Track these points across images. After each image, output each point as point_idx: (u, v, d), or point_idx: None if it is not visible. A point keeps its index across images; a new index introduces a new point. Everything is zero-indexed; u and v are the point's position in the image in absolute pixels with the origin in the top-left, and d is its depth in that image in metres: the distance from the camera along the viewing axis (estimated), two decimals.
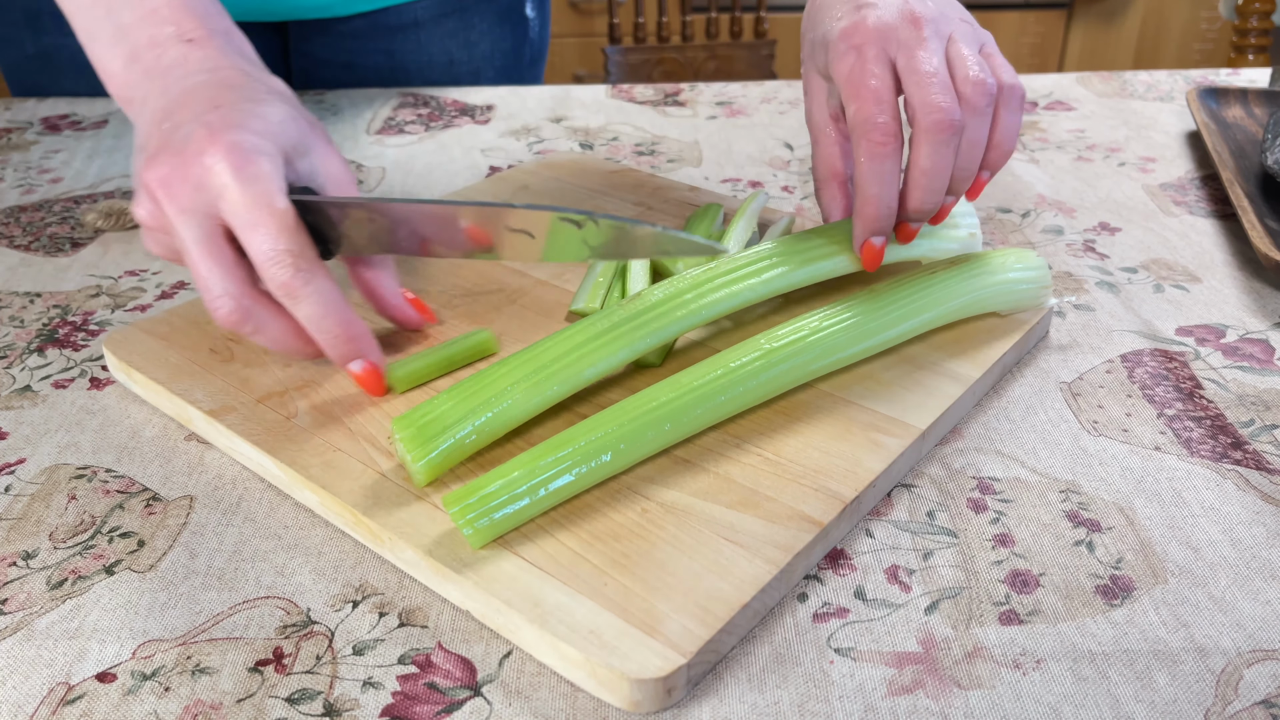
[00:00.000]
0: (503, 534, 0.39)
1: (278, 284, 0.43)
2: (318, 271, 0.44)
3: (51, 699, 0.36)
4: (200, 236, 0.43)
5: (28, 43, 0.87)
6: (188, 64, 0.48)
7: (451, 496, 0.39)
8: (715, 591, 0.37)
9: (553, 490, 0.40)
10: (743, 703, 0.36)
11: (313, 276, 0.43)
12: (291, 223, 0.43)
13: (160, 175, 0.43)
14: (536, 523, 0.40)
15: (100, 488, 0.46)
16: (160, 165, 0.44)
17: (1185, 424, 0.49)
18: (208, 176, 0.42)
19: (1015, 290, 0.51)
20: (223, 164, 0.42)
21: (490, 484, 0.39)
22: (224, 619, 0.39)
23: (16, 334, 0.57)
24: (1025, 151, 0.78)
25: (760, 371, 0.44)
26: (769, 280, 0.48)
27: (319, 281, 0.43)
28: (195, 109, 0.45)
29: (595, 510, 0.41)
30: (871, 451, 0.44)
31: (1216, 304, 0.58)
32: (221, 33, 0.49)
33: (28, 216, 0.70)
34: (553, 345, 0.44)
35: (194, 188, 0.43)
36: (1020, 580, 0.40)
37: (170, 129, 0.45)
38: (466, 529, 0.38)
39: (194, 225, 0.43)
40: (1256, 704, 0.35)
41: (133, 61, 0.49)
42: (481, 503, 0.39)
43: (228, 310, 0.44)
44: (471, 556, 0.39)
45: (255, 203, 0.42)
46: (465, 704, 0.36)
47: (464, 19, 0.91)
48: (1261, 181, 0.68)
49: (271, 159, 0.43)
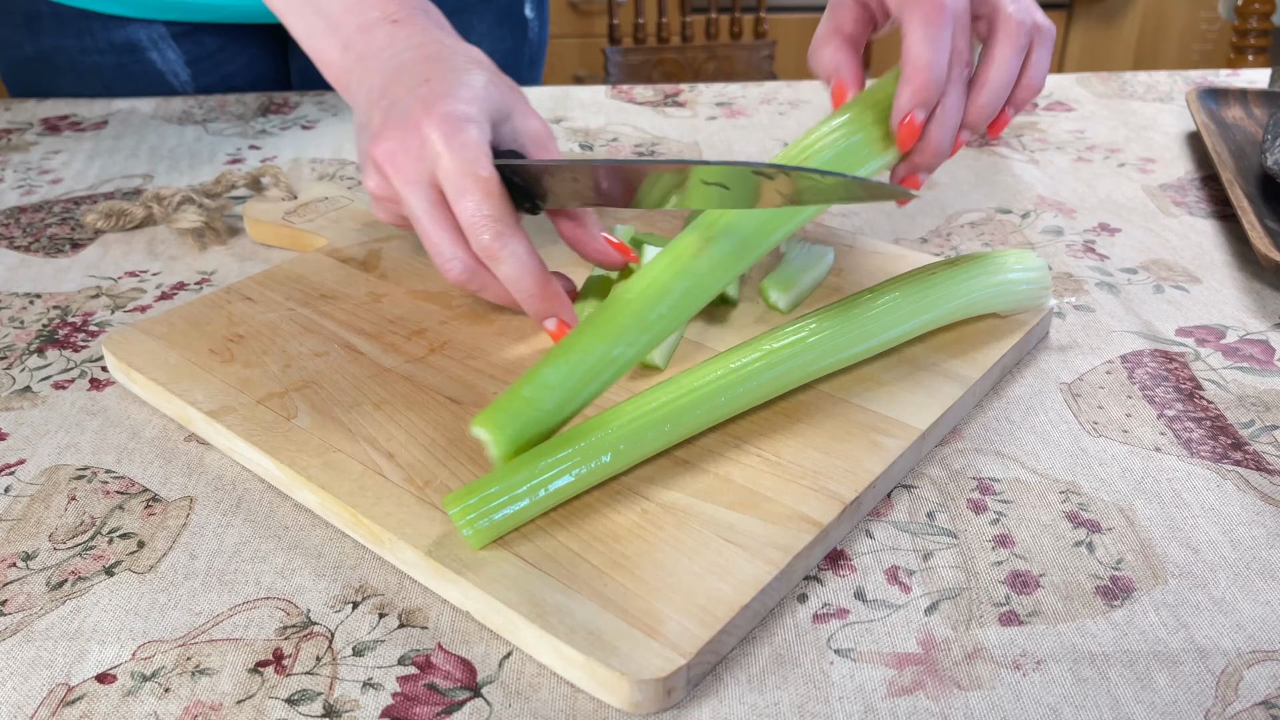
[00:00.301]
0: (503, 535, 0.39)
1: (480, 247, 0.46)
2: (516, 235, 0.46)
3: (51, 700, 0.36)
4: (428, 206, 0.47)
5: (26, 44, 0.88)
6: (395, 43, 0.51)
7: (451, 497, 0.39)
8: (715, 592, 0.37)
9: (553, 491, 0.40)
10: (743, 703, 0.36)
11: (510, 240, 0.46)
12: (494, 189, 0.45)
13: (386, 150, 0.47)
14: (536, 523, 0.40)
15: (100, 488, 0.46)
16: (385, 141, 0.47)
17: (1185, 425, 0.49)
18: (425, 147, 0.46)
19: (1015, 291, 0.51)
20: (436, 134, 0.45)
21: (490, 485, 0.39)
22: (224, 620, 0.39)
23: (16, 335, 0.57)
24: (1025, 152, 0.78)
25: (761, 372, 0.44)
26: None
27: (515, 244, 0.46)
28: (408, 84, 0.48)
29: (595, 511, 0.41)
30: (871, 452, 0.44)
31: (1216, 305, 0.58)
32: (421, 10, 0.53)
33: (28, 217, 0.70)
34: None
35: (415, 159, 0.46)
36: (1020, 581, 0.40)
37: (388, 106, 0.48)
38: (466, 529, 0.38)
39: (421, 195, 0.47)
40: (1256, 704, 0.35)
41: (346, 49, 0.53)
42: (481, 504, 0.39)
43: (457, 271, 0.47)
44: (471, 557, 0.39)
45: (463, 170, 0.45)
46: (465, 705, 0.36)
47: (463, 19, 0.91)
48: (1261, 182, 0.68)
49: (479, 126, 0.46)
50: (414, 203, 0.47)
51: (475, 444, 0.45)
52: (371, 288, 0.57)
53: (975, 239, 0.65)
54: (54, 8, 0.84)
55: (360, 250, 0.61)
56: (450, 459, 0.44)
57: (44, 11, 0.85)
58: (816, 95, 0.90)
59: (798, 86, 0.92)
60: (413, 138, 0.46)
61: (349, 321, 0.54)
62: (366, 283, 0.57)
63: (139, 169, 0.77)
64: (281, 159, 0.79)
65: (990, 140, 0.46)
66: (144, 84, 0.89)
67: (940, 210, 0.69)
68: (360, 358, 0.51)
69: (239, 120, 0.86)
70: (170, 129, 0.84)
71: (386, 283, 0.57)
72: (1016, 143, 0.79)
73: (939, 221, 0.68)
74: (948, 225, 0.67)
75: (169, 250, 0.66)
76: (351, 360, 0.51)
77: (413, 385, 0.49)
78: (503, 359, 0.51)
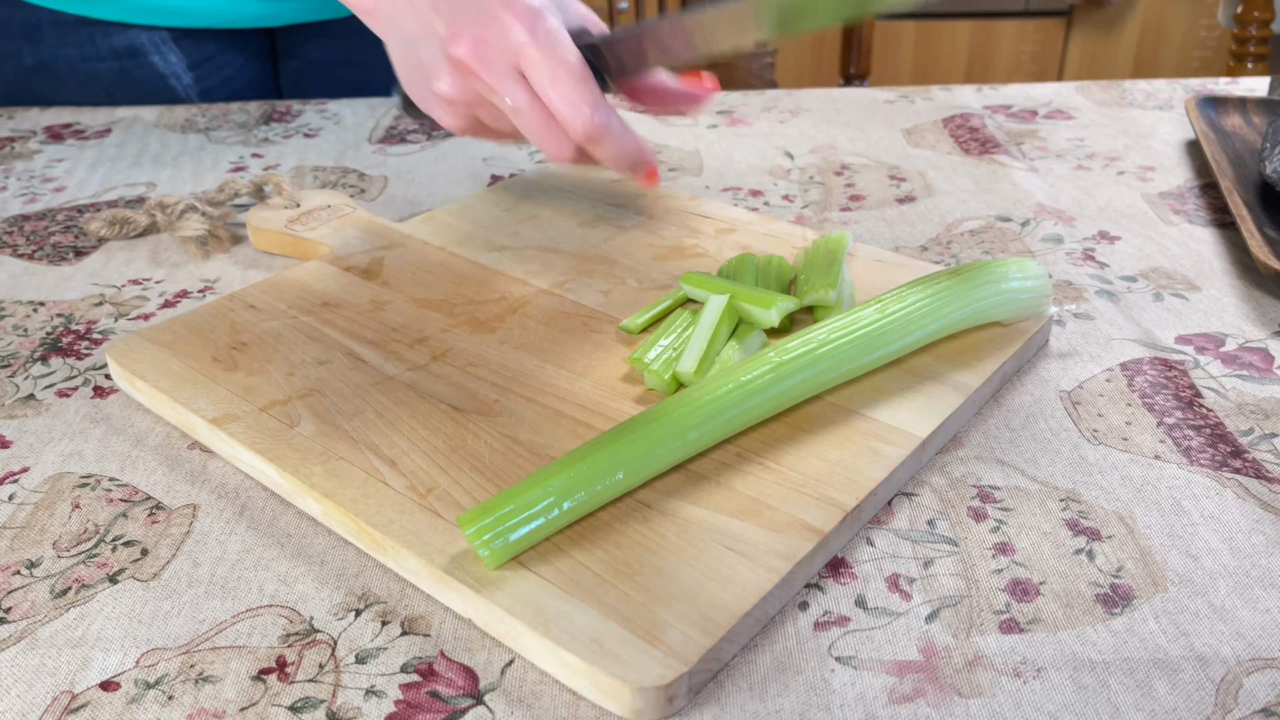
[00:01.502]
0: (518, 554, 0.39)
1: (581, 131, 0.48)
2: (610, 112, 0.49)
3: (55, 708, 0.36)
4: (528, 97, 0.48)
5: (26, 55, 0.88)
6: None
7: (466, 516, 0.39)
8: (717, 600, 0.37)
9: (566, 509, 0.40)
10: (744, 711, 0.36)
11: (609, 119, 0.48)
12: (585, 73, 0.48)
13: (468, 47, 0.48)
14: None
15: (104, 496, 0.46)
16: (464, 39, 0.48)
17: (1185, 432, 0.49)
18: (507, 38, 0.47)
19: (1016, 299, 0.51)
20: (518, 25, 0.47)
21: (505, 504, 0.39)
22: (227, 627, 0.39)
23: (20, 343, 0.57)
24: (1025, 160, 0.78)
25: (770, 385, 0.45)
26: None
27: (613, 122, 0.49)
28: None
29: (597, 519, 0.41)
30: (872, 460, 0.44)
31: (1216, 312, 0.58)
32: None
33: (31, 225, 0.70)
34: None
35: (500, 50, 0.47)
36: (1020, 589, 0.40)
37: (451, 9, 0.49)
38: (483, 550, 0.38)
39: (517, 86, 0.48)
40: (1256, 712, 0.35)
41: None
42: (497, 523, 0.38)
43: (567, 156, 0.50)
44: (473, 565, 0.39)
45: (554, 59, 0.47)
46: (467, 712, 0.36)
47: None
48: (1260, 190, 0.68)
49: (554, 14, 0.48)
50: (513, 94, 0.48)
51: (477, 451, 0.45)
52: (374, 295, 0.57)
53: (975, 247, 0.65)
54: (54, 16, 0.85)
55: (363, 258, 0.61)
56: (452, 466, 0.44)
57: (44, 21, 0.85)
58: (817, 104, 0.90)
59: (798, 95, 0.92)
60: (494, 30, 0.47)
61: (351, 329, 0.54)
62: (369, 290, 0.58)
63: (142, 177, 0.78)
64: (284, 167, 0.79)
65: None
66: (147, 89, 0.90)
67: (940, 218, 0.69)
68: (363, 365, 0.51)
69: (242, 128, 0.86)
70: (173, 137, 0.84)
71: (389, 291, 0.58)
72: (1016, 151, 0.80)
73: (939, 230, 0.68)
74: (947, 233, 0.67)
75: (172, 258, 0.66)
76: (354, 368, 0.51)
77: (415, 393, 0.49)
78: (504, 366, 0.51)
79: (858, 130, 0.84)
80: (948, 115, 0.87)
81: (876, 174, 0.76)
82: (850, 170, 0.77)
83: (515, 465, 0.44)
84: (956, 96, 0.91)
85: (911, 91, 0.93)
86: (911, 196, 0.73)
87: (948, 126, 0.85)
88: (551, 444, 0.45)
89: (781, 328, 0.53)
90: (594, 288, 0.58)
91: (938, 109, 0.88)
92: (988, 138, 0.82)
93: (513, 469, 0.44)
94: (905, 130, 0.84)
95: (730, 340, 0.51)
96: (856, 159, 0.79)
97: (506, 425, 0.47)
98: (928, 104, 0.90)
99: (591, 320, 0.55)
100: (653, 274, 0.59)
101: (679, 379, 0.48)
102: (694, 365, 0.48)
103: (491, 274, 0.59)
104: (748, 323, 0.52)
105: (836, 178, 0.76)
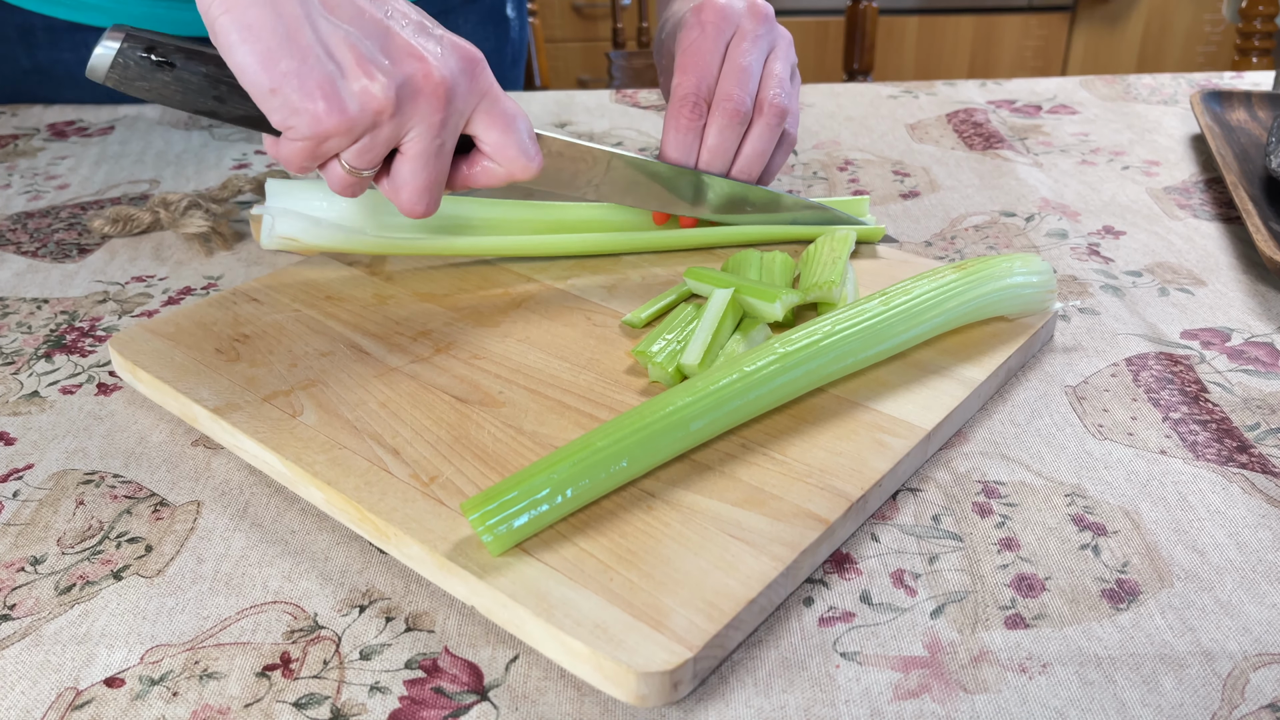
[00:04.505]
0: (522, 541, 0.39)
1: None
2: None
3: (60, 704, 0.36)
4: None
5: (23, 58, 0.87)
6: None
7: (470, 503, 0.39)
8: (721, 587, 0.37)
9: (570, 497, 0.40)
10: (749, 707, 0.36)
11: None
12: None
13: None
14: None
15: (108, 493, 0.46)
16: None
17: (1190, 427, 0.49)
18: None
19: (1021, 294, 0.51)
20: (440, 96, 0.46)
21: (509, 491, 0.39)
22: (231, 624, 0.39)
23: (24, 340, 0.57)
24: (1029, 155, 0.78)
25: (775, 376, 0.44)
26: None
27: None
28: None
29: (601, 507, 0.41)
30: (877, 452, 0.44)
31: (1221, 307, 0.58)
32: None
33: (35, 223, 0.70)
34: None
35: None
36: (1026, 584, 0.40)
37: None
38: (486, 535, 0.38)
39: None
40: (1263, 708, 0.35)
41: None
42: (501, 509, 0.39)
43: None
44: (477, 551, 0.39)
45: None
46: (472, 708, 0.36)
47: (449, 20, 0.91)
48: (1266, 185, 0.68)
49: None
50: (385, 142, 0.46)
51: (480, 441, 0.45)
52: (377, 290, 0.57)
53: (979, 242, 0.65)
54: (47, 22, 0.84)
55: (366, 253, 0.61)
56: (455, 455, 0.44)
57: (38, 25, 0.84)
58: (819, 99, 0.90)
59: (801, 90, 0.92)
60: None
61: (355, 322, 0.54)
62: (372, 285, 0.58)
63: (145, 174, 0.78)
64: None
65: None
66: None
67: (944, 214, 0.69)
68: (366, 357, 0.51)
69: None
70: (176, 134, 0.84)
71: (392, 285, 0.58)
72: (1020, 146, 0.79)
73: (943, 225, 0.68)
74: (952, 229, 0.67)
75: (175, 255, 0.66)
76: (357, 360, 0.51)
77: (418, 384, 0.49)
78: (508, 359, 0.51)
79: (861, 126, 0.84)
80: (952, 110, 0.87)
81: (880, 169, 0.76)
82: (854, 165, 0.77)
83: (518, 455, 0.44)
84: (960, 91, 0.91)
85: (915, 87, 0.92)
86: (915, 192, 0.73)
87: (952, 122, 0.84)
88: (555, 434, 0.45)
89: (785, 322, 0.53)
90: (598, 283, 0.58)
91: (941, 104, 0.88)
92: (992, 133, 0.82)
93: (516, 458, 0.44)
94: (909, 125, 0.84)
95: (735, 334, 0.51)
96: (860, 154, 0.79)
97: (510, 416, 0.47)
98: (931, 99, 0.89)
99: (595, 315, 0.55)
100: (656, 269, 0.59)
101: (683, 372, 0.48)
102: (698, 358, 0.48)
103: (495, 269, 0.59)
104: (752, 317, 0.52)
105: (840, 173, 0.76)
